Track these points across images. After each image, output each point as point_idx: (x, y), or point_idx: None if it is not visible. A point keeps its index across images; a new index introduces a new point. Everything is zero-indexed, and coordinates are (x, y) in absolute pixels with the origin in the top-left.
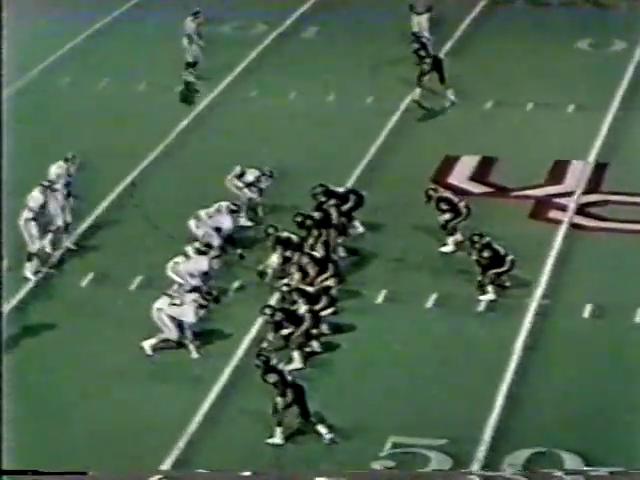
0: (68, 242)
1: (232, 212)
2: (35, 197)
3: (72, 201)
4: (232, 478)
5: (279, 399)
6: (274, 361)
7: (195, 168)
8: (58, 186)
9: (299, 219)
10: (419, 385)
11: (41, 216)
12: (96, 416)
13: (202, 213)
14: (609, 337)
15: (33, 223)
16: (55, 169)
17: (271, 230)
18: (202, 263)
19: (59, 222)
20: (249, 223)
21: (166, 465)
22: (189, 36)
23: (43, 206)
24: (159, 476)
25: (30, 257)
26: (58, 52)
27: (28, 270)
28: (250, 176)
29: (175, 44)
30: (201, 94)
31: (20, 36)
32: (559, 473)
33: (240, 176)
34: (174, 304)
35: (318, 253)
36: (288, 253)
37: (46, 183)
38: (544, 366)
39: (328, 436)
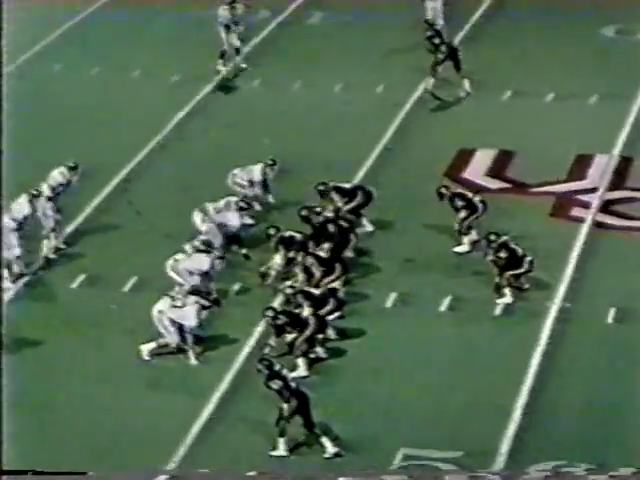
0: (57, 241)
1: (241, 209)
2: (21, 207)
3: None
4: (238, 478)
5: (284, 407)
6: (277, 367)
7: (194, 161)
8: (50, 193)
9: (304, 213)
10: (432, 394)
11: (24, 226)
12: (90, 422)
13: (210, 207)
14: (634, 343)
15: (15, 234)
16: (57, 175)
17: (272, 231)
18: (203, 262)
19: (50, 224)
20: (251, 221)
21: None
22: (226, 25)
23: (27, 217)
24: (165, 476)
25: (8, 265)
26: (48, 37)
27: (6, 279)
28: (256, 175)
29: (172, 30)
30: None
31: (9, 20)
32: (583, 472)
33: (248, 180)
34: (175, 306)
35: (324, 253)
36: (292, 253)
37: (35, 192)
38: (564, 374)
39: (332, 450)
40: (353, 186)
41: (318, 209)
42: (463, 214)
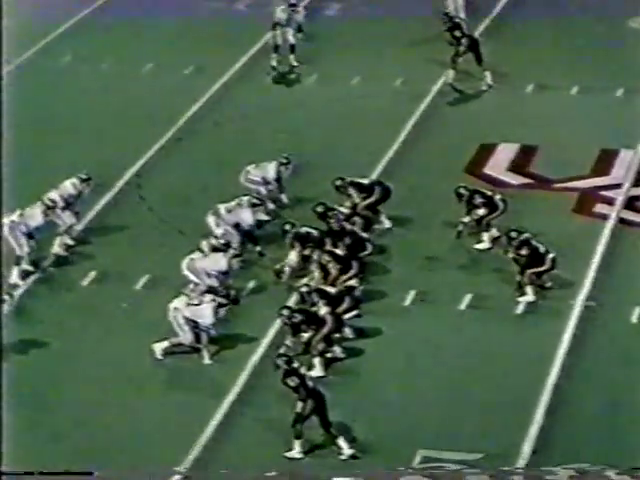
0: (66, 237)
1: (253, 206)
2: (34, 217)
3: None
4: (253, 478)
5: (299, 406)
6: (296, 364)
7: (207, 157)
8: (63, 204)
9: (320, 209)
10: (451, 394)
11: (34, 235)
12: (103, 423)
13: (221, 208)
14: None
15: (25, 238)
16: (69, 186)
17: (288, 227)
18: (221, 262)
19: (67, 224)
20: (266, 217)
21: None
22: (276, 25)
23: (40, 227)
24: (179, 476)
25: (18, 261)
26: (58, 29)
27: (15, 275)
28: (270, 173)
29: (185, 21)
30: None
31: (18, 12)
32: (609, 472)
33: (262, 178)
34: (191, 304)
35: (340, 250)
36: (308, 251)
37: (50, 204)
38: (588, 374)
39: (348, 452)
40: (371, 182)
41: (338, 214)
42: (482, 211)
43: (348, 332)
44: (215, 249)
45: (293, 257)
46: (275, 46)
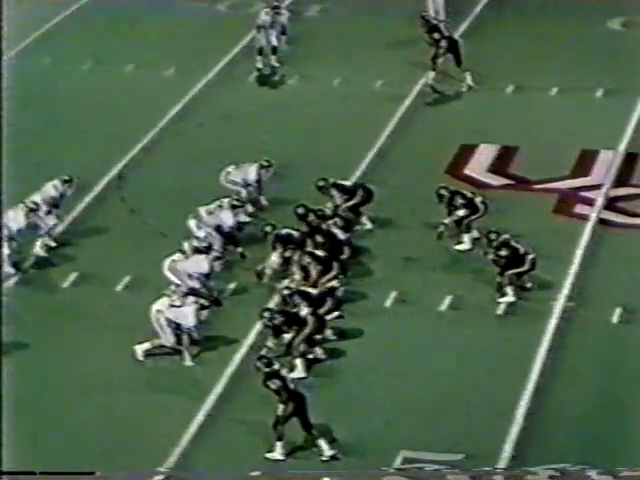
0: (47, 238)
1: (234, 207)
2: (17, 220)
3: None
4: (234, 478)
5: (281, 407)
6: (277, 365)
7: (189, 157)
8: (46, 207)
9: (300, 211)
10: (432, 395)
11: (16, 237)
12: (84, 424)
13: (202, 211)
14: None
15: (7, 244)
16: (50, 189)
17: (269, 228)
18: (203, 264)
19: (49, 226)
20: (247, 219)
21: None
22: (260, 27)
23: (21, 230)
24: (161, 476)
25: None
26: (38, 30)
27: None
28: (250, 175)
29: (166, 22)
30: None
31: None
32: (590, 472)
33: (242, 179)
34: (173, 306)
35: (321, 251)
36: (288, 253)
37: (32, 206)
38: (569, 375)
39: (329, 453)
40: (354, 184)
41: (319, 213)
42: (462, 212)
43: (329, 333)
44: (197, 251)
45: (275, 258)
46: (259, 48)
